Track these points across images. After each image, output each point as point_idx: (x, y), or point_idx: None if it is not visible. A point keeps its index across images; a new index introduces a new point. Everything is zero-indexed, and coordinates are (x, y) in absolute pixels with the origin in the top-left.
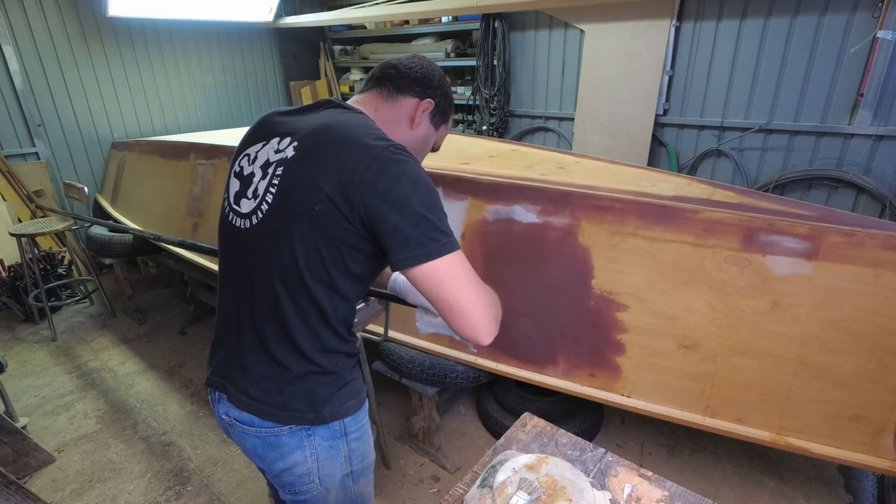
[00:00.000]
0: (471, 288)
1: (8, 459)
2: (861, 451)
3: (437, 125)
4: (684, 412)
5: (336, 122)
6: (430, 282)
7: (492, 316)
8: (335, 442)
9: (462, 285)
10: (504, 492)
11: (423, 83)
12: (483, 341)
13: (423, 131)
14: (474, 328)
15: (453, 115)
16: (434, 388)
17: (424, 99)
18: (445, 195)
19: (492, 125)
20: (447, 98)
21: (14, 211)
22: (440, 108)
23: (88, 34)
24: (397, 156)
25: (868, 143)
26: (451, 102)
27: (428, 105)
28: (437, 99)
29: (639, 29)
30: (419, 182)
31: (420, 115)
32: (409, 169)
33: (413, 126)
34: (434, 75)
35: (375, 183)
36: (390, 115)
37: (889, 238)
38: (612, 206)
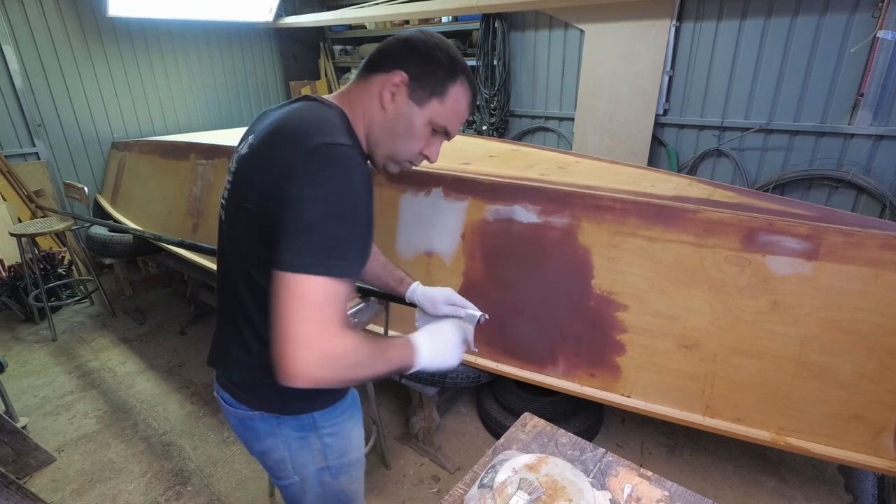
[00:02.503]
0: (304, 322)
1: (8, 459)
2: (861, 451)
3: (420, 100)
4: (684, 412)
5: (292, 117)
6: (277, 294)
7: (313, 362)
8: (306, 434)
9: (309, 309)
10: (504, 492)
11: (395, 55)
12: (283, 378)
13: (398, 109)
14: (282, 360)
15: (460, 89)
16: (434, 388)
17: (392, 71)
18: (446, 195)
19: (492, 125)
20: (437, 67)
21: (14, 211)
22: (422, 79)
23: (88, 34)
24: (325, 158)
25: (868, 143)
26: (449, 72)
27: (397, 77)
28: (413, 69)
29: (639, 29)
30: (332, 190)
31: (388, 91)
32: (320, 172)
33: (382, 104)
34: (416, 43)
35: (294, 180)
36: (360, 98)
37: (889, 238)
38: (612, 206)
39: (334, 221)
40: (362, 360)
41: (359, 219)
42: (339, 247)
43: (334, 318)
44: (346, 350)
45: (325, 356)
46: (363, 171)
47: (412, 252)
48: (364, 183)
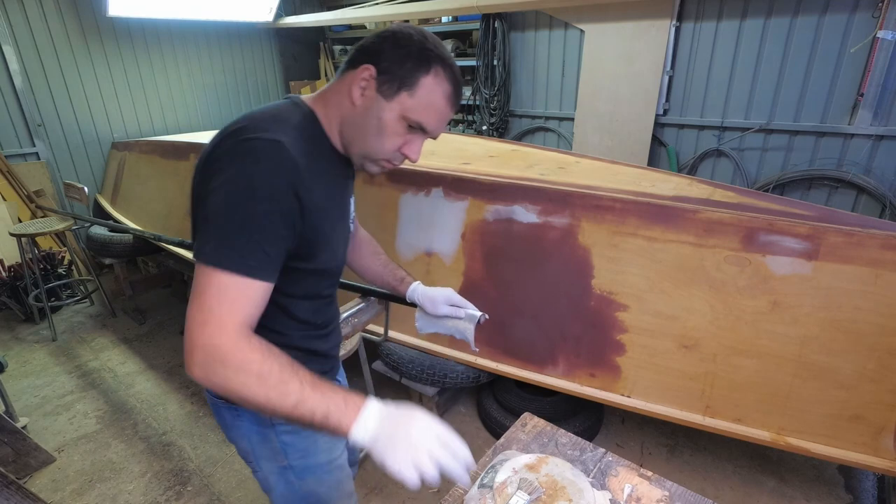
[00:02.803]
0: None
1: (8, 459)
2: (861, 451)
3: (388, 94)
4: (684, 412)
5: (246, 115)
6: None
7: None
8: (264, 430)
9: (200, 303)
10: (504, 492)
11: (368, 49)
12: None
13: (367, 105)
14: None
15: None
16: (434, 388)
17: (360, 66)
18: (446, 195)
19: (492, 125)
20: (406, 58)
21: (14, 211)
22: (390, 72)
23: (88, 34)
24: (238, 148)
25: (868, 143)
26: (419, 63)
27: (366, 72)
28: (383, 62)
29: (639, 29)
30: (237, 180)
31: (357, 87)
32: (237, 164)
33: (352, 100)
34: (385, 35)
35: (207, 172)
36: (334, 97)
37: (889, 238)
38: (612, 206)
39: (232, 213)
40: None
41: (257, 214)
42: (233, 240)
43: (227, 316)
44: (232, 357)
45: (209, 357)
46: (276, 166)
47: (412, 252)
48: (270, 178)
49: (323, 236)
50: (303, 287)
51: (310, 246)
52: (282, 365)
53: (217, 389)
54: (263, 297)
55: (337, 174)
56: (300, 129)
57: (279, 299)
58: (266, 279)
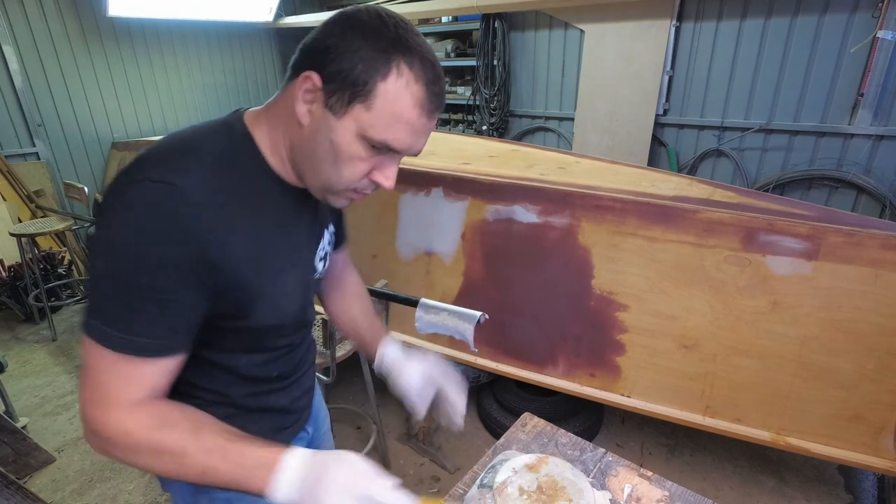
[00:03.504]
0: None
1: (8, 459)
2: (861, 451)
3: (339, 108)
4: (684, 412)
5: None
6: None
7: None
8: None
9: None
10: (504, 492)
11: (309, 48)
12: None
13: (315, 125)
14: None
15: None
16: None
17: (300, 75)
18: (446, 195)
19: (492, 125)
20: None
21: (14, 211)
22: (336, 78)
23: (88, 34)
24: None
25: (868, 143)
26: (370, 59)
27: (309, 81)
28: (328, 66)
29: (639, 29)
30: (116, 241)
31: (301, 102)
32: (116, 219)
33: (299, 120)
34: (330, 28)
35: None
36: (278, 112)
37: (889, 238)
38: (612, 206)
39: (116, 284)
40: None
41: (144, 285)
42: (120, 315)
43: (106, 394)
44: (120, 439)
45: (99, 437)
46: (165, 220)
47: (412, 252)
48: (161, 235)
49: (253, 291)
50: (242, 342)
51: (236, 304)
52: (180, 436)
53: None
54: (166, 371)
55: (283, 210)
56: (221, 159)
57: (211, 355)
58: (166, 355)
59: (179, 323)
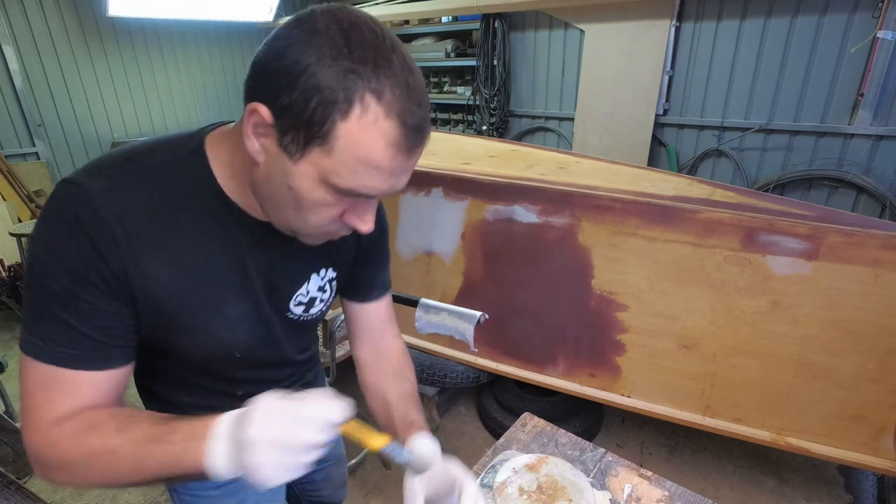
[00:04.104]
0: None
1: (8, 459)
2: (861, 451)
3: (294, 150)
4: (684, 412)
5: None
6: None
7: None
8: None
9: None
10: (504, 492)
11: (258, 73)
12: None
13: (269, 166)
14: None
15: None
16: (434, 388)
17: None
18: (446, 195)
19: (492, 125)
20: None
21: (14, 211)
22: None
23: (88, 34)
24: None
25: (868, 143)
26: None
27: (255, 114)
28: (278, 98)
29: (639, 29)
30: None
31: (253, 138)
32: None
33: (253, 156)
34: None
35: None
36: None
37: (889, 238)
38: (612, 206)
39: (38, 289)
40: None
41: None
42: (43, 322)
43: (45, 413)
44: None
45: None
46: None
47: (412, 252)
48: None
49: (175, 321)
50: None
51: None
52: (107, 434)
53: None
54: (99, 386)
55: (233, 239)
56: (158, 173)
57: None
58: (94, 368)
59: (103, 332)
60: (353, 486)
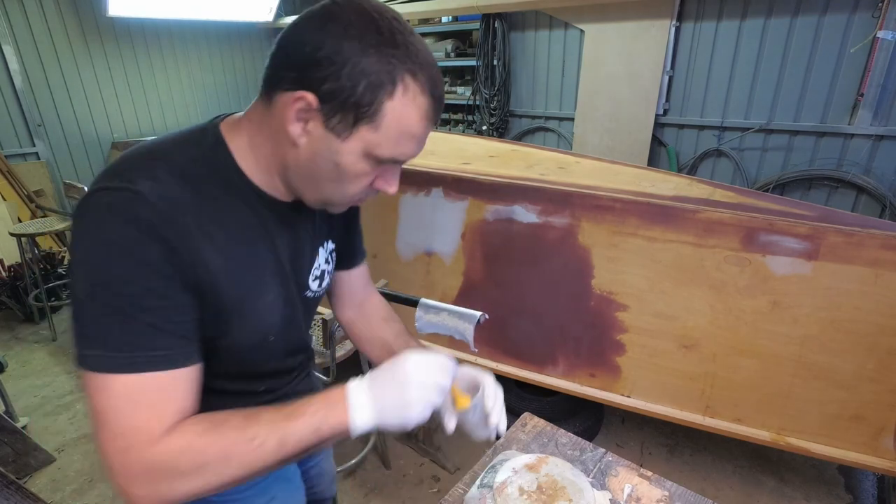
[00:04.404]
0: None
1: (8, 459)
2: (861, 451)
3: (342, 130)
4: (684, 412)
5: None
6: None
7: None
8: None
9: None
10: (504, 492)
11: (294, 61)
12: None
13: (314, 147)
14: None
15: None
16: None
17: (296, 91)
18: (446, 195)
19: (492, 125)
20: (350, 74)
21: (14, 211)
22: (335, 97)
23: (88, 34)
24: (86, 209)
25: (868, 143)
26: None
27: (302, 102)
28: (324, 85)
29: (639, 29)
30: (92, 257)
31: (296, 123)
32: (88, 233)
33: (294, 141)
34: (326, 35)
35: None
36: (262, 129)
37: (889, 238)
38: (612, 206)
39: (106, 301)
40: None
41: (136, 292)
42: (120, 333)
43: (134, 425)
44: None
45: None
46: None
47: (412, 252)
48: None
49: (230, 305)
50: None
51: (214, 318)
52: (239, 425)
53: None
54: (188, 386)
55: (264, 223)
56: (189, 168)
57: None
58: (182, 365)
59: (183, 328)
60: (354, 486)
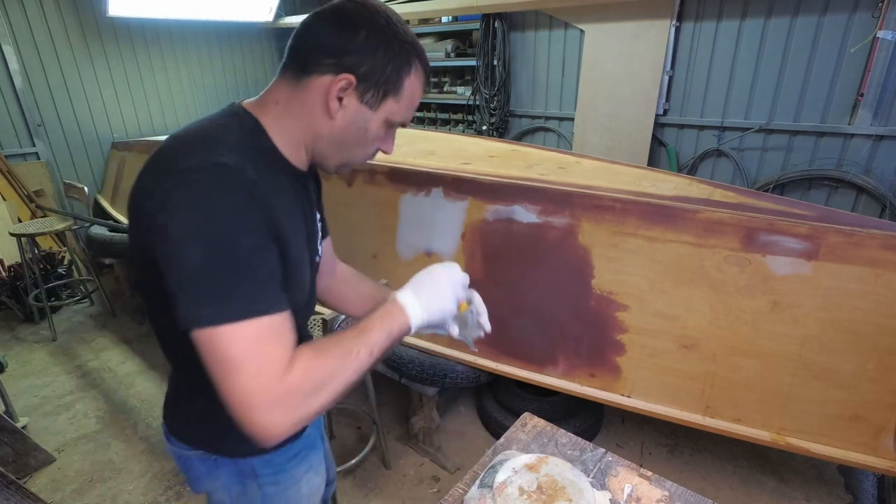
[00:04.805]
0: (236, 383)
1: (8, 459)
2: (861, 451)
3: (373, 104)
4: (684, 412)
5: (177, 135)
6: (201, 352)
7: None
8: (244, 480)
9: (238, 370)
10: (504, 492)
11: (334, 49)
12: (261, 443)
13: (349, 118)
14: (242, 427)
15: (414, 78)
16: (434, 388)
17: (339, 74)
18: (446, 195)
19: (492, 125)
20: (388, 59)
21: (14, 211)
22: (373, 78)
23: (88, 34)
24: (185, 185)
25: (868, 143)
26: (401, 63)
27: (344, 81)
28: (362, 67)
29: (639, 29)
30: (209, 221)
31: (335, 99)
32: (193, 204)
33: (331, 114)
34: (354, 28)
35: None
36: (293, 107)
37: (889, 238)
38: (612, 206)
39: (214, 262)
40: (329, 377)
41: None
42: (235, 285)
43: (269, 361)
44: (299, 385)
45: (277, 406)
46: (232, 193)
47: (412, 252)
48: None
49: (291, 266)
50: None
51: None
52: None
53: (307, 421)
54: (291, 322)
55: (295, 191)
56: (243, 146)
57: None
58: (287, 307)
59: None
60: (354, 485)
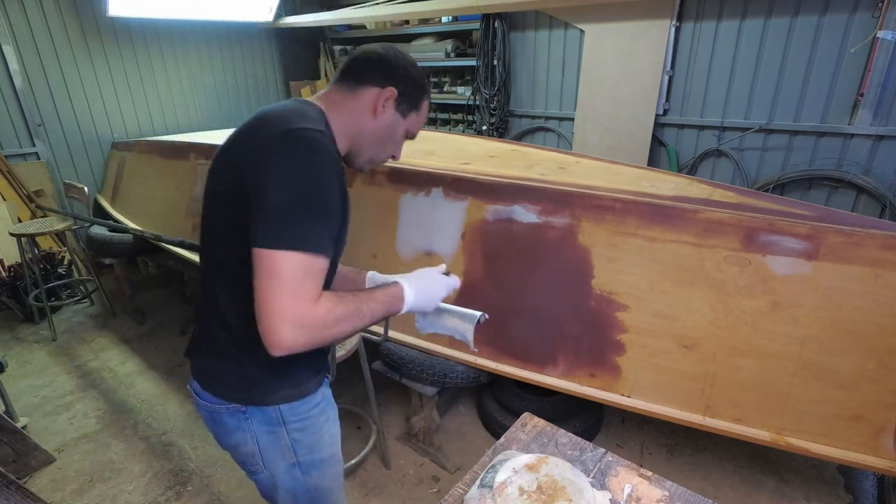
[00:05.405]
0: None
1: (8, 459)
2: (861, 451)
3: (404, 113)
4: (684, 412)
5: (274, 109)
6: (256, 270)
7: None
8: (273, 428)
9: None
10: (504, 492)
11: (383, 72)
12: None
13: (387, 120)
14: (263, 331)
15: (427, 103)
16: (434, 388)
17: (386, 87)
18: (446, 195)
19: (492, 125)
20: (415, 85)
21: (14, 211)
22: (406, 95)
23: (88, 34)
24: (292, 141)
25: (868, 143)
26: (421, 90)
27: (390, 93)
28: (400, 86)
29: (639, 29)
30: (308, 170)
31: (382, 104)
32: (300, 155)
33: (375, 115)
34: (397, 62)
35: (263, 162)
36: (346, 107)
37: (889, 238)
38: (612, 206)
39: (299, 201)
40: (340, 320)
41: (322, 200)
42: (306, 224)
43: (307, 290)
44: (321, 317)
45: (301, 326)
46: (329, 157)
47: (412, 252)
48: (329, 167)
49: (343, 225)
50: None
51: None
52: (347, 302)
53: (312, 346)
54: (326, 269)
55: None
56: (320, 124)
57: None
58: (330, 256)
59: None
60: (354, 486)
